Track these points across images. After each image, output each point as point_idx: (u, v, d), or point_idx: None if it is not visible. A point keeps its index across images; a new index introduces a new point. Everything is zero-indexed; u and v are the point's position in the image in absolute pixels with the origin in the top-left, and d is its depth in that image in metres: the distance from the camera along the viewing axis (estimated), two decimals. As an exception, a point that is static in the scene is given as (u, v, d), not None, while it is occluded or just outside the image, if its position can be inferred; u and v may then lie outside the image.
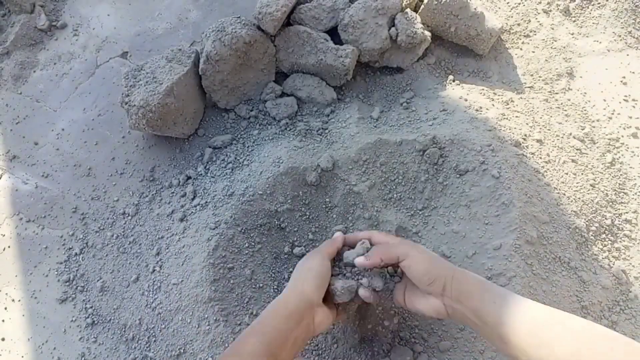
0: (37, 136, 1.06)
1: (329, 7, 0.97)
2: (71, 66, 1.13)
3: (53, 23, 1.18)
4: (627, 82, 0.99)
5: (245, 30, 0.91)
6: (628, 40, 1.03)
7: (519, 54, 1.03)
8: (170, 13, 1.16)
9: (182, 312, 0.80)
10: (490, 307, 0.55)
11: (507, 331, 0.52)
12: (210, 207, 0.86)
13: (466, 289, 0.58)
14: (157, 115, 0.89)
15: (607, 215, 0.85)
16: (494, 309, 0.54)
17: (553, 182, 0.84)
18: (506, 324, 0.53)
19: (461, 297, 0.58)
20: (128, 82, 0.92)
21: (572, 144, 0.91)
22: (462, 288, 0.58)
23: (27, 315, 0.90)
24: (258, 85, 0.99)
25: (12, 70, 1.13)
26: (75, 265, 0.92)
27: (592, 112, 0.96)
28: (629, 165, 0.91)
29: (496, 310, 0.54)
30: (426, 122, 0.89)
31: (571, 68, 1.01)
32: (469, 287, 0.58)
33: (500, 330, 0.53)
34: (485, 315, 0.55)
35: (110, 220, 0.94)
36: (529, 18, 1.06)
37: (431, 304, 0.61)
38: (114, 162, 1.00)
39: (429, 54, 1.02)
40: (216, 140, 0.96)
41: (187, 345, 0.78)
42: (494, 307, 0.54)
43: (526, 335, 0.51)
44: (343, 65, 0.94)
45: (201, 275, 0.79)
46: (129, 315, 0.85)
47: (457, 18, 0.96)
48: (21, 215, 0.98)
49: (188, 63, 0.94)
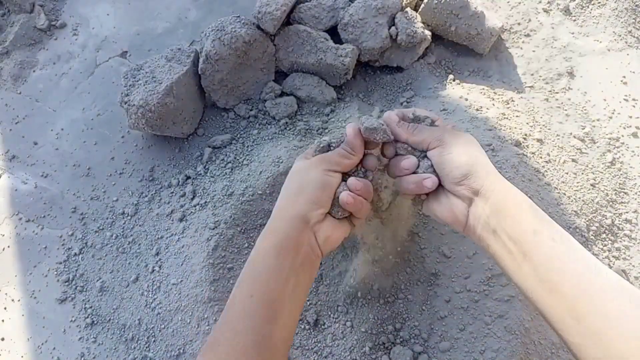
0: (37, 136, 1.06)
1: (328, 6, 0.97)
2: (70, 66, 1.13)
3: (52, 23, 1.18)
4: (627, 82, 0.99)
5: (244, 29, 0.91)
6: (628, 40, 1.03)
7: (519, 53, 1.03)
8: (170, 12, 1.15)
9: (181, 312, 0.79)
10: (544, 239, 0.42)
11: (559, 278, 0.40)
12: (209, 207, 0.86)
13: (512, 203, 0.46)
14: (157, 115, 0.89)
15: (607, 215, 0.85)
16: (550, 244, 0.42)
17: (553, 181, 0.84)
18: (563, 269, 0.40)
19: (501, 211, 0.45)
20: (127, 81, 0.92)
21: (572, 144, 0.90)
22: (507, 201, 0.46)
23: (27, 315, 0.90)
24: (257, 84, 0.99)
25: (12, 70, 1.13)
26: (74, 265, 0.92)
27: (592, 111, 0.96)
28: (629, 164, 0.91)
29: (553, 246, 0.42)
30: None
31: (571, 67, 1.00)
32: (517, 202, 0.46)
33: (548, 273, 0.41)
34: (531, 247, 0.42)
35: (110, 220, 0.94)
36: (529, 17, 1.06)
37: (451, 207, 0.49)
38: (113, 161, 1.00)
39: (429, 53, 1.01)
40: (215, 139, 0.95)
41: (187, 345, 0.78)
42: (551, 243, 0.42)
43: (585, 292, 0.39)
44: (343, 65, 0.94)
45: (201, 276, 0.79)
46: (128, 316, 0.85)
47: (457, 17, 0.96)
48: (20, 215, 0.98)
49: (187, 62, 0.94)
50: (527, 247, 0.43)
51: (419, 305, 0.77)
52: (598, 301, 0.38)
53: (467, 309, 0.75)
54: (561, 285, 0.40)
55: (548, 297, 0.41)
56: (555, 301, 0.40)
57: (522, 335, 0.71)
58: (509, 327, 0.71)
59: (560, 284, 0.40)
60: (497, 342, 0.71)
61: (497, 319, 0.72)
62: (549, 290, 0.41)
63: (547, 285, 0.41)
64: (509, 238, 0.44)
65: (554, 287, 0.40)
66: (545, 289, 0.41)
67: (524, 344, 0.71)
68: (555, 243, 0.43)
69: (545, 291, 0.41)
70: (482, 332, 0.73)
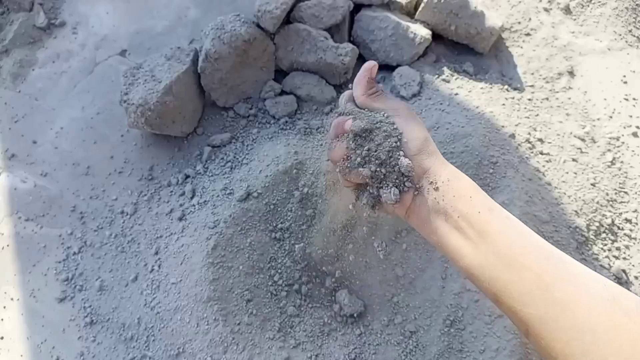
0: (36, 135, 1.05)
1: (328, 5, 0.97)
2: (70, 64, 1.12)
3: (52, 21, 1.17)
4: (627, 81, 0.98)
5: (244, 28, 0.91)
6: (629, 39, 1.03)
7: (519, 52, 1.03)
8: (169, 11, 1.15)
9: (181, 311, 0.79)
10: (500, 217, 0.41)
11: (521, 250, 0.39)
12: (209, 206, 0.86)
13: (462, 184, 0.44)
14: (156, 114, 0.89)
15: (607, 215, 0.85)
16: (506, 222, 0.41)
17: (553, 181, 0.84)
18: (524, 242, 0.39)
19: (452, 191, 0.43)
20: (127, 80, 0.92)
21: (572, 143, 0.90)
22: (457, 182, 0.44)
23: (26, 314, 0.90)
24: (257, 83, 0.98)
25: (11, 69, 1.13)
26: (73, 264, 0.92)
27: (592, 111, 0.96)
28: (630, 164, 0.91)
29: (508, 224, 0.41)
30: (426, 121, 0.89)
31: (572, 67, 1.00)
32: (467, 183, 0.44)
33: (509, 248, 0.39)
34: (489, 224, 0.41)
35: (109, 219, 0.94)
36: (529, 16, 1.05)
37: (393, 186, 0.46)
38: (112, 160, 1.00)
39: (430, 52, 1.01)
40: (215, 138, 0.95)
41: (186, 344, 0.78)
42: (506, 220, 0.41)
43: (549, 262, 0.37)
44: (343, 64, 0.93)
45: (200, 275, 0.79)
46: (127, 315, 0.85)
47: (457, 17, 0.96)
48: (20, 214, 0.98)
49: (187, 61, 0.93)
50: (484, 225, 0.41)
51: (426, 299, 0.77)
52: (563, 268, 0.37)
53: (467, 308, 0.75)
54: (524, 257, 0.38)
55: (510, 272, 0.39)
56: (518, 275, 0.38)
57: (521, 335, 0.71)
58: (508, 327, 0.71)
59: (524, 256, 0.39)
60: (497, 342, 0.71)
61: (496, 318, 0.72)
62: (510, 265, 0.39)
63: (508, 260, 0.39)
64: (463, 218, 0.42)
65: (518, 261, 0.38)
66: (506, 265, 0.39)
67: (523, 344, 0.71)
68: (510, 221, 0.42)
69: (506, 267, 0.39)
70: (482, 332, 0.73)
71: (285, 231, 0.84)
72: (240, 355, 0.75)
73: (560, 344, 0.35)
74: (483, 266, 0.40)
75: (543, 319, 0.36)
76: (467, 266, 0.42)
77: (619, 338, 0.33)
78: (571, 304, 0.35)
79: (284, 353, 0.76)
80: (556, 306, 0.36)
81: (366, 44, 0.99)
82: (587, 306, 0.35)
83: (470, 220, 0.42)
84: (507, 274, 0.39)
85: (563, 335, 0.35)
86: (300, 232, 0.84)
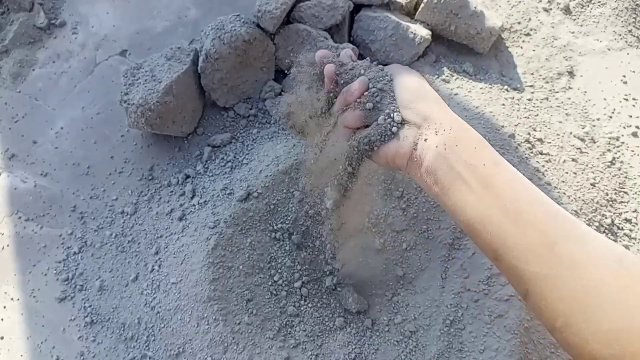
0: (36, 135, 1.05)
1: (329, 5, 0.97)
2: (70, 64, 1.12)
3: (52, 21, 1.17)
4: (627, 81, 0.99)
5: (244, 28, 0.91)
6: (628, 39, 1.03)
7: (519, 52, 1.03)
8: (170, 11, 1.15)
9: (181, 311, 0.79)
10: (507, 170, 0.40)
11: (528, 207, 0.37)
12: (209, 206, 0.86)
13: (468, 135, 0.42)
14: (156, 114, 0.89)
15: (607, 215, 0.85)
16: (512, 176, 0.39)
17: (553, 181, 0.84)
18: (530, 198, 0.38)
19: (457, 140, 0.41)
20: (127, 80, 0.92)
21: (572, 143, 0.90)
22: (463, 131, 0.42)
23: (26, 314, 0.90)
24: (257, 83, 0.99)
25: (11, 69, 1.13)
26: (74, 264, 0.92)
27: (592, 111, 0.96)
28: (629, 164, 0.91)
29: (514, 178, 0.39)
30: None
31: (571, 67, 1.00)
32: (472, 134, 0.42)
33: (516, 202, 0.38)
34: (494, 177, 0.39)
35: (109, 219, 0.94)
36: (529, 16, 1.06)
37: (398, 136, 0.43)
38: (112, 160, 1.00)
39: (429, 52, 1.01)
40: (215, 139, 0.95)
41: (186, 344, 0.78)
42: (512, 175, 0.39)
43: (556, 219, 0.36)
44: (343, 64, 0.93)
45: (200, 275, 0.79)
46: (127, 315, 0.85)
47: (457, 17, 0.96)
48: (20, 214, 0.98)
49: (187, 61, 0.93)
50: (490, 177, 0.39)
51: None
52: (570, 228, 0.36)
53: (467, 308, 0.75)
54: (531, 213, 0.37)
55: (515, 227, 0.37)
56: (524, 231, 0.36)
57: (521, 334, 0.71)
58: (508, 327, 0.71)
59: (530, 212, 0.37)
60: (497, 342, 0.71)
61: (496, 318, 0.72)
62: (515, 221, 0.37)
63: (513, 215, 0.37)
64: (468, 168, 0.40)
65: (523, 217, 0.37)
66: (511, 219, 0.37)
67: (523, 344, 0.71)
68: (517, 176, 0.40)
69: (512, 222, 0.37)
70: (482, 332, 0.73)
71: (285, 231, 0.84)
72: (240, 355, 0.75)
73: (563, 303, 0.34)
74: (486, 220, 0.38)
75: (547, 278, 0.35)
76: (469, 220, 0.40)
77: (625, 300, 0.32)
78: (577, 264, 0.34)
79: (284, 353, 0.76)
80: (561, 265, 0.34)
81: (366, 44, 1.00)
82: (594, 266, 0.33)
83: (475, 171, 0.39)
84: (512, 229, 0.37)
85: (567, 294, 0.34)
86: (300, 231, 0.84)
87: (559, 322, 0.34)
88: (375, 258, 0.81)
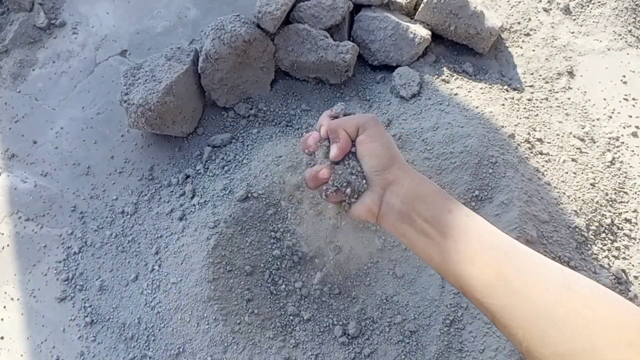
0: (36, 135, 1.05)
1: (328, 5, 0.97)
2: (70, 64, 1.12)
3: (52, 21, 1.17)
4: (627, 81, 0.99)
5: (244, 28, 0.91)
6: (628, 39, 1.03)
7: (519, 52, 1.03)
8: (170, 11, 1.15)
9: (181, 311, 0.79)
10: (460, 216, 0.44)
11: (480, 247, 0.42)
12: (209, 205, 0.86)
13: (424, 189, 0.47)
14: (156, 114, 0.89)
15: (607, 215, 0.85)
16: (465, 220, 0.44)
17: (553, 181, 0.84)
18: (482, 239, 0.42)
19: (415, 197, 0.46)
20: (127, 80, 0.92)
21: (572, 143, 0.90)
22: (420, 187, 0.47)
23: (26, 313, 0.90)
24: (258, 83, 0.99)
25: (11, 69, 1.13)
26: (74, 264, 0.92)
27: (592, 111, 0.96)
28: (629, 164, 0.91)
29: (468, 222, 0.44)
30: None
31: (571, 67, 1.00)
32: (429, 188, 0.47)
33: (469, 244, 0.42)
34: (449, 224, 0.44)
35: (109, 219, 0.94)
36: (529, 17, 1.06)
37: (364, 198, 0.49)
38: (112, 160, 1.00)
39: (429, 52, 1.01)
40: (215, 139, 0.95)
41: (186, 344, 0.78)
42: (465, 219, 0.44)
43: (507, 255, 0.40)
44: (344, 62, 0.94)
45: (200, 274, 0.79)
46: (128, 314, 0.85)
47: (457, 17, 0.96)
48: (20, 213, 0.98)
49: (187, 61, 0.93)
50: (445, 225, 0.44)
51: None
52: (521, 260, 0.40)
53: (466, 308, 0.75)
54: (484, 253, 0.41)
55: (472, 267, 0.42)
56: (480, 269, 0.41)
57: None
58: (508, 327, 0.71)
59: (483, 252, 0.41)
60: (497, 342, 0.71)
61: (496, 318, 0.72)
62: (472, 262, 0.42)
63: (469, 255, 0.42)
64: (425, 220, 0.45)
65: (477, 256, 0.42)
66: (468, 260, 0.42)
67: (523, 343, 0.71)
68: (470, 219, 0.45)
69: (468, 262, 0.42)
70: (482, 332, 0.73)
71: (285, 231, 0.84)
72: (240, 354, 0.75)
73: (521, 330, 0.38)
74: (448, 264, 0.43)
75: (505, 309, 0.39)
76: (436, 264, 0.46)
77: (573, 323, 0.35)
78: (529, 294, 0.38)
79: (284, 353, 0.76)
80: (515, 296, 0.39)
81: (366, 44, 1.00)
82: (544, 294, 0.37)
83: (432, 223, 0.45)
84: (470, 269, 0.42)
85: (523, 322, 0.38)
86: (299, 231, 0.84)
87: (523, 348, 0.38)
88: (374, 257, 0.81)
